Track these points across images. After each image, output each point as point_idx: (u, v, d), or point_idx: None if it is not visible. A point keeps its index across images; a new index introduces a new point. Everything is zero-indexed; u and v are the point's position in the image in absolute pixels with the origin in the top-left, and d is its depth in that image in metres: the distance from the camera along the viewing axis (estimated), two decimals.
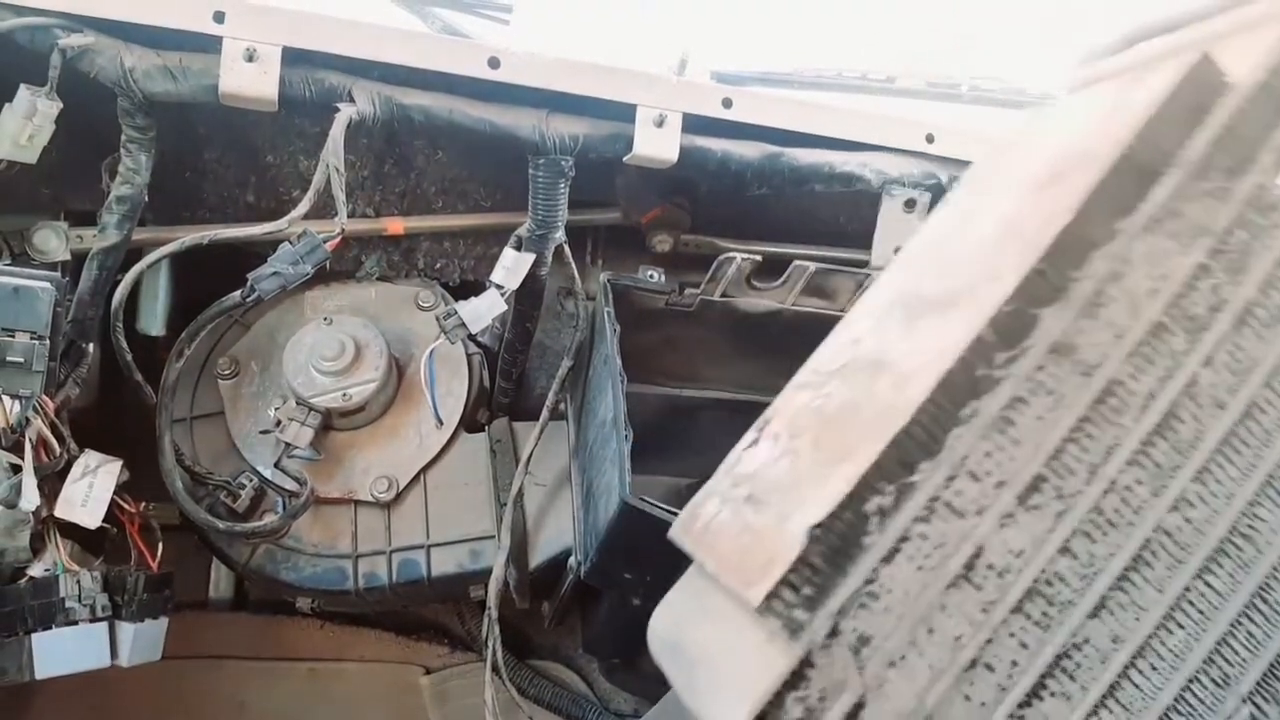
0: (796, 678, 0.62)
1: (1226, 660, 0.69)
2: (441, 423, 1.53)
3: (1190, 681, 0.68)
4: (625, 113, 1.34)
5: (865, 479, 0.62)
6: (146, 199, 1.32)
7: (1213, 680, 0.68)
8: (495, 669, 1.41)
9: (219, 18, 1.20)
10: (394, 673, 1.71)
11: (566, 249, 1.43)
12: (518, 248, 1.39)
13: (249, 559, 1.47)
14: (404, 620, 1.76)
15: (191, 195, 1.50)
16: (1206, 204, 0.66)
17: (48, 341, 1.12)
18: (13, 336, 1.10)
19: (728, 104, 1.39)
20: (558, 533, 1.53)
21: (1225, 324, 0.67)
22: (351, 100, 1.25)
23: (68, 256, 1.41)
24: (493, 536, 1.51)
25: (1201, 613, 0.68)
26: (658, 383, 1.62)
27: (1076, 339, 0.64)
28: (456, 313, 1.37)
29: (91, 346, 1.34)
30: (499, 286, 1.38)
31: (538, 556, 1.53)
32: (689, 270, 1.58)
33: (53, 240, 1.41)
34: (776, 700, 0.62)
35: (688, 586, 0.80)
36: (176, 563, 1.33)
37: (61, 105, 1.19)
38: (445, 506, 1.53)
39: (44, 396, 1.13)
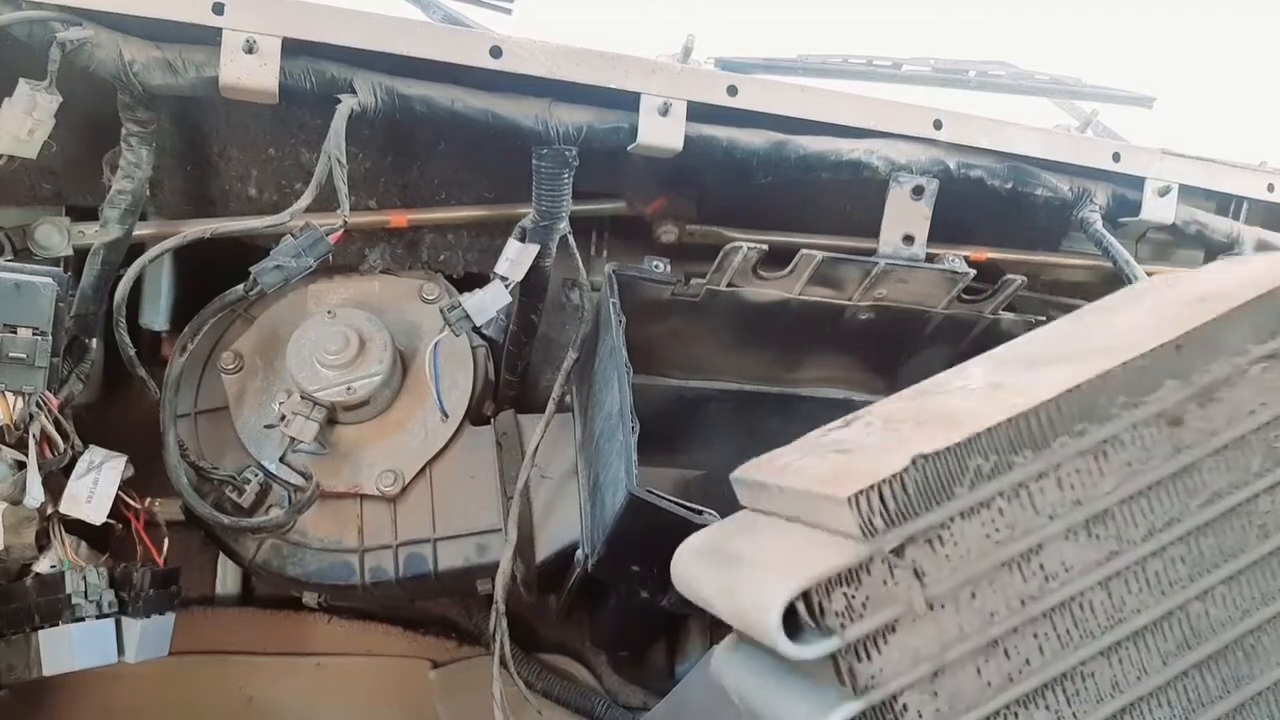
0: (853, 575, 0.67)
1: None
2: (447, 416, 1.52)
3: None
4: (629, 101, 1.33)
5: (976, 439, 0.69)
6: (148, 193, 1.31)
7: None
8: (503, 662, 1.40)
9: (218, 9, 1.20)
10: (401, 667, 1.71)
11: (571, 240, 1.42)
12: (522, 239, 1.38)
13: (255, 554, 1.47)
14: (411, 614, 1.75)
15: (193, 189, 1.49)
16: None
17: (50, 337, 1.11)
18: (15, 332, 1.09)
19: (733, 91, 1.37)
20: (564, 526, 1.53)
21: None
22: (353, 91, 1.24)
23: (70, 252, 1.41)
24: (499, 530, 1.51)
25: (1189, 701, 0.75)
26: (664, 374, 1.60)
27: (1182, 416, 0.74)
28: (461, 305, 1.35)
29: (94, 342, 1.34)
30: (503, 278, 1.37)
31: (544, 550, 1.53)
32: (695, 260, 1.56)
33: (54, 235, 1.41)
34: (827, 587, 0.66)
35: (733, 520, 0.87)
36: (183, 558, 1.33)
37: (61, 99, 1.19)
38: (451, 500, 1.52)
39: (47, 392, 1.13)
